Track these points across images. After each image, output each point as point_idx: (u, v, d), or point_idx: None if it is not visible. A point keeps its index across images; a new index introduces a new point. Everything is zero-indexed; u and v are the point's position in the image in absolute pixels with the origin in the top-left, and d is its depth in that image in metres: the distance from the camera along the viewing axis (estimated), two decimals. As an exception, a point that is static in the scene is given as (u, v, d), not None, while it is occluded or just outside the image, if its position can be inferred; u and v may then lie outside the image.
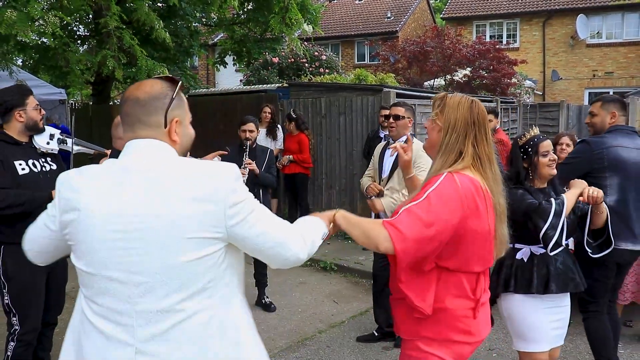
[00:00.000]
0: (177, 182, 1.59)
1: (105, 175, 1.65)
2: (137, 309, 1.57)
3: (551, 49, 22.69)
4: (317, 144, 8.94)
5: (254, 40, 14.22)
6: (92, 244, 1.60)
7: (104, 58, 7.09)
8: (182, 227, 1.55)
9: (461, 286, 2.16)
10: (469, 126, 2.15)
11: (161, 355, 1.58)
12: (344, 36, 25.72)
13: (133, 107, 1.66)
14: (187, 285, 1.58)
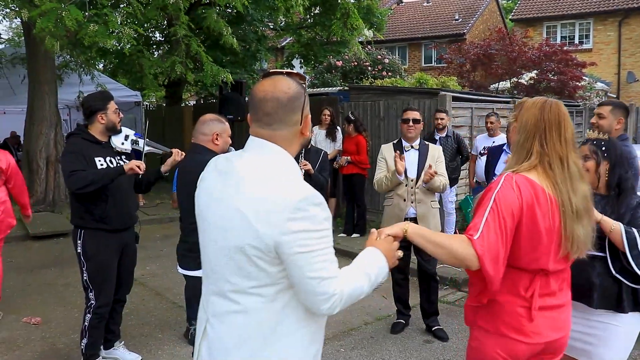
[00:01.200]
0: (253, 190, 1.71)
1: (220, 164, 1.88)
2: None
3: (628, 49, 21.90)
4: (375, 146, 9.18)
5: (320, 43, 14.64)
6: (198, 225, 1.91)
7: (173, 64, 7.64)
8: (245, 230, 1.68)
9: (513, 282, 2.19)
10: (538, 126, 2.19)
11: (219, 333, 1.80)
12: (411, 39, 25.76)
13: (275, 107, 1.76)
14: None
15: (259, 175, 1.73)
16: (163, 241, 8.44)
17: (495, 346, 2.23)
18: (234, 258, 1.72)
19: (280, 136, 1.78)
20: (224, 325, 1.77)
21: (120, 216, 3.95)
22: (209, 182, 1.87)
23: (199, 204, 1.90)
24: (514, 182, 2.12)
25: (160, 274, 6.71)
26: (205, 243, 1.86)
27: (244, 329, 1.74)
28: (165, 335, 4.82)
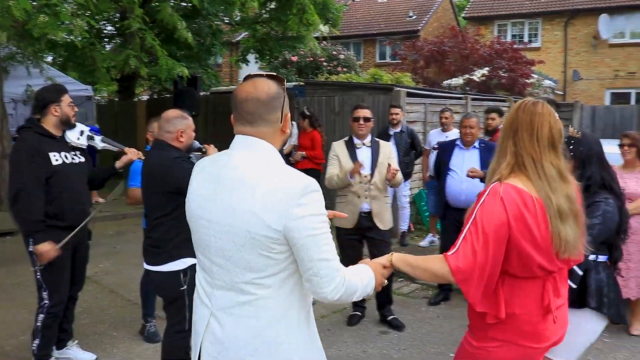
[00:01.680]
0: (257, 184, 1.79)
1: (209, 165, 1.97)
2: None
3: (573, 48, 22.61)
4: (330, 141, 9.23)
5: (275, 38, 14.59)
6: (192, 225, 1.97)
7: (127, 57, 7.50)
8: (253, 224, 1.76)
9: (528, 292, 2.18)
10: (513, 125, 2.20)
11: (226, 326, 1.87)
12: (365, 35, 25.93)
13: (256, 106, 1.86)
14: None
15: (258, 171, 1.82)
16: (116, 238, 8.32)
17: (507, 355, 2.22)
18: (244, 251, 1.78)
19: (262, 133, 1.88)
20: (233, 317, 1.84)
21: (74, 213, 3.88)
22: (199, 183, 1.94)
23: (191, 205, 1.95)
24: (499, 197, 2.10)
25: (114, 271, 6.61)
26: (203, 240, 1.90)
27: (256, 318, 1.82)
28: (120, 334, 4.76)
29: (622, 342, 4.67)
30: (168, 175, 3.28)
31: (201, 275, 1.98)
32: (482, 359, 2.29)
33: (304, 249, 1.75)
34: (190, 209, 1.95)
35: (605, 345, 4.60)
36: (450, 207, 5.45)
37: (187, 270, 3.35)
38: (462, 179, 5.29)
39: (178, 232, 3.28)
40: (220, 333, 1.86)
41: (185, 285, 3.35)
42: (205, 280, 1.95)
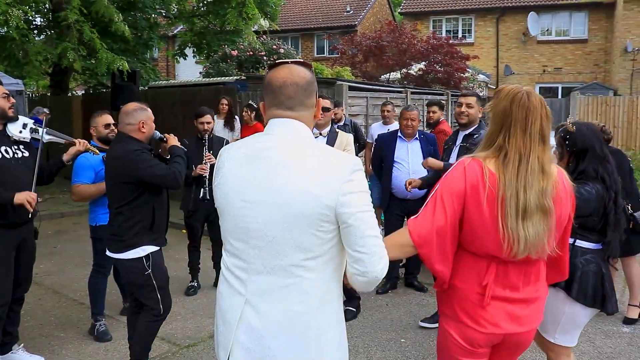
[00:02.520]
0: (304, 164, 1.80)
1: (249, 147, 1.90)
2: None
3: (504, 44, 23.46)
4: (274, 135, 9.26)
5: (213, 32, 14.40)
6: (225, 210, 1.89)
7: (64, 50, 7.24)
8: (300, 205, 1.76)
9: (470, 268, 2.20)
10: (505, 119, 2.15)
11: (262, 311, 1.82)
12: (303, 29, 25.99)
13: (296, 91, 1.85)
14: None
15: (304, 151, 1.82)
16: (55, 237, 8.05)
17: (453, 332, 2.25)
18: (293, 230, 1.76)
19: (302, 118, 1.88)
20: (273, 302, 1.80)
21: (17, 210, 3.68)
22: (235, 167, 1.87)
23: (225, 189, 1.88)
24: (463, 165, 2.15)
25: (56, 271, 6.40)
26: (239, 224, 1.84)
27: (300, 303, 1.80)
28: (68, 334, 4.62)
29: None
30: (128, 167, 3.44)
31: (230, 262, 1.90)
32: (441, 339, 2.36)
33: (355, 225, 1.75)
34: (224, 193, 1.88)
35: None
36: (395, 198, 5.57)
37: (148, 256, 3.53)
38: (409, 171, 5.41)
39: (137, 221, 3.49)
40: (256, 321, 1.81)
41: (149, 269, 3.52)
42: (236, 266, 1.88)
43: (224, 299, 1.92)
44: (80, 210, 9.92)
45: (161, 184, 3.59)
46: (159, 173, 3.51)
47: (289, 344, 1.80)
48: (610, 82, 20.62)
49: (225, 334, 1.89)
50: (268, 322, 1.80)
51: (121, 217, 3.51)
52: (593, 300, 2.94)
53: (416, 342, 4.48)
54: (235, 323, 1.84)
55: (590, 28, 22.18)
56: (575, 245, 3.03)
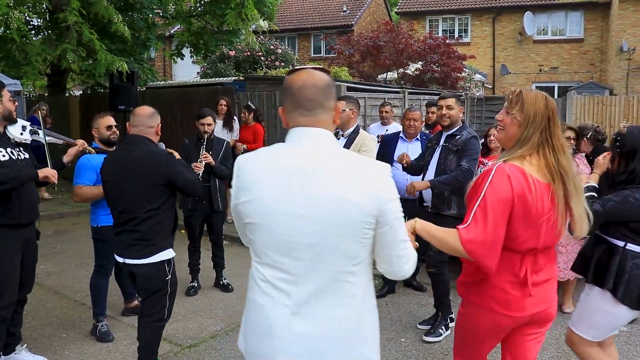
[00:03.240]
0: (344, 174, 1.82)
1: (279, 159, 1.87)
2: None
3: (500, 44, 23.51)
4: (272, 134, 9.29)
5: (210, 32, 14.41)
6: (263, 222, 1.85)
7: (63, 51, 7.25)
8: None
9: (504, 261, 2.36)
10: (544, 119, 2.38)
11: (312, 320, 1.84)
12: (300, 29, 26.00)
13: (315, 93, 1.86)
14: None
15: (338, 159, 1.84)
16: (55, 238, 8.06)
17: (483, 319, 2.49)
18: (339, 238, 1.79)
19: (322, 122, 1.88)
20: (322, 309, 1.82)
21: (24, 210, 3.75)
22: (269, 178, 1.85)
23: (263, 202, 1.84)
24: (506, 174, 2.30)
25: (56, 272, 6.42)
26: (279, 236, 1.82)
27: (347, 307, 1.85)
28: (70, 335, 4.65)
29: (556, 319, 4.94)
30: (160, 168, 3.45)
31: (270, 274, 1.87)
32: (465, 323, 2.61)
33: (392, 231, 1.83)
34: (260, 208, 1.85)
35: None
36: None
37: (171, 260, 3.56)
38: (406, 171, 5.45)
39: (166, 225, 3.52)
40: (307, 330, 1.82)
41: (169, 275, 3.55)
42: (278, 278, 1.85)
43: (265, 311, 1.88)
44: (79, 210, 9.94)
45: (190, 190, 3.61)
46: (192, 179, 3.57)
47: (341, 347, 1.85)
48: (606, 81, 20.70)
49: (269, 346, 1.87)
50: (319, 330, 1.82)
51: (151, 221, 3.46)
52: (637, 304, 3.05)
53: (416, 342, 4.52)
54: (284, 335, 1.83)
55: (586, 27, 22.25)
56: (625, 248, 3.11)
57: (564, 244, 5.03)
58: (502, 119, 2.50)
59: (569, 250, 5.05)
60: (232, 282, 5.89)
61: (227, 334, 4.72)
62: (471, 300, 2.56)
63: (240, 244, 7.76)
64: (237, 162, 1.96)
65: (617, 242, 3.13)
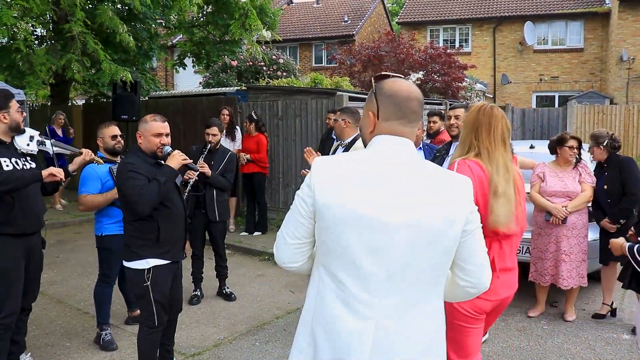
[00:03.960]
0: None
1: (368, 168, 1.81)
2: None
3: (501, 53, 23.62)
4: (274, 144, 9.34)
5: (212, 42, 14.49)
6: (353, 230, 1.75)
7: (68, 61, 7.31)
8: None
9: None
10: (474, 125, 2.80)
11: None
12: (301, 39, 26.13)
13: (419, 105, 1.86)
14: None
15: (429, 170, 1.83)
16: (57, 247, 8.08)
17: (465, 305, 2.71)
18: (431, 252, 1.75)
19: (413, 134, 1.88)
20: (407, 320, 1.77)
21: (27, 219, 3.78)
22: (357, 188, 1.76)
23: (344, 213, 1.74)
24: (466, 165, 2.73)
25: (59, 280, 6.44)
26: (367, 244, 1.74)
27: (429, 317, 1.83)
28: (73, 343, 4.66)
29: (558, 328, 4.99)
30: (119, 182, 3.62)
31: (351, 283, 1.77)
32: (451, 312, 2.69)
33: (475, 240, 1.84)
34: (344, 215, 1.74)
35: (544, 331, 4.91)
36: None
37: (150, 269, 3.58)
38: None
39: (141, 235, 3.58)
40: (391, 342, 1.76)
41: (148, 281, 3.57)
42: (359, 288, 1.77)
43: (343, 323, 1.77)
44: (81, 220, 9.97)
45: (131, 206, 3.52)
46: (130, 197, 3.50)
47: (420, 356, 1.80)
48: (607, 90, 20.77)
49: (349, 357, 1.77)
50: (403, 340, 1.77)
51: (130, 228, 3.61)
52: None
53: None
54: (366, 347, 1.75)
55: (586, 37, 22.36)
56: None
57: (568, 253, 5.05)
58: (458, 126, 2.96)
59: (572, 259, 5.06)
60: (234, 291, 5.90)
61: (230, 342, 4.72)
62: None
63: (242, 253, 7.79)
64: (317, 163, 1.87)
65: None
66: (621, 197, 5.00)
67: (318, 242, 1.85)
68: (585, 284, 5.16)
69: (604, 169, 5.22)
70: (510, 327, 4.98)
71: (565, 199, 5.08)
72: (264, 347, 4.63)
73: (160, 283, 3.64)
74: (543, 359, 4.38)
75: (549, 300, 5.44)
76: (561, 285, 5.09)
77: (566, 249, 5.06)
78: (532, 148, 6.73)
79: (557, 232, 5.08)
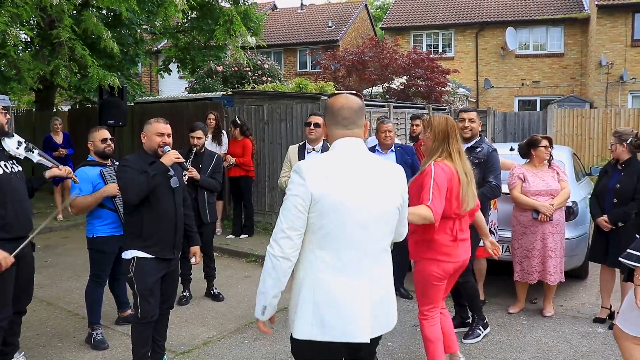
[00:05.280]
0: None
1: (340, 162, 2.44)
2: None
3: (484, 58, 23.95)
4: (260, 148, 9.46)
5: (197, 48, 14.57)
6: (336, 219, 2.34)
7: (56, 67, 7.37)
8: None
9: (443, 226, 3.62)
10: (445, 134, 3.64)
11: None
12: (286, 44, 26.29)
13: (351, 113, 2.44)
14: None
15: (379, 162, 2.49)
16: (45, 252, 8.12)
17: (434, 268, 3.67)
18: (386, 224, 2.45)
19: (356, 134, 2.47)
20: (382, 279, 2.48)
21: (20, 223, 3.84)
22: (339, 179, 2.34)
23: (340, 198, 2.31)
24: (440, 166, 3.59)
25: (49, 284, 6.50)
26: (357, 221, 2.35)
27: (388, 276, 2.54)
28: (65, 344, 4.75)
29: (537, 323, 5.16)
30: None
31: (346, 255, 2.37)
32: (422, 272, 3.74)
33: (404, 213, 2.56)
34: (342, 202, 2.32)
35: (523, 326, 5.08)
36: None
37: (133, 259, 3.80)
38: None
39: (128, 227, 3.89)
40: (374, 295, 2.43)
41: (131, 272, 3.80)
42: (352, 258, 2.38)
43: (346, 285, 2.38)
44: (67, 224, 10.02)
45: (124, 196, 3.87)
46: (123, 186, 3.82)
47: (387, 293, 2.53)
48: (587, 94, 21.16)
49: (352, 315, 2.37)
50: (382, 293, 2.49)
51: (125, 220, 3.97)
52: None
53: (402, 345, 4.68)
54: (362, 305, 2.39)
55: (566, 42, 22.77)
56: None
57: (553, 249, 5.20)
58: (422, 138, 3.78)
59: (557, 254, 5.22)
60: (222, 292, 6.01)
61: (219, 340, 4.84)
62: (425, 257, 3.71)
63: (229, 256, 7.90)
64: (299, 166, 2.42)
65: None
66: (629, 201, 4.95)
67: (315, 228, 2.34)
68: (563, 280, 5.33)
69: (619, 169, 5.11)
70: (491, 322, 5.13)
71: (548, 197, 5.23)
72: (252, 344, 4.75)
73: (144, 276, 3.78)
74: (522, 351, 4.55)
75: (528, 297, 5.62)
76: (549, 281, 5.23)
77: (552, 245, 5.21)
78: (512, 150, 6.91)
79: (543, 229, 5.21)
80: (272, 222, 9.23)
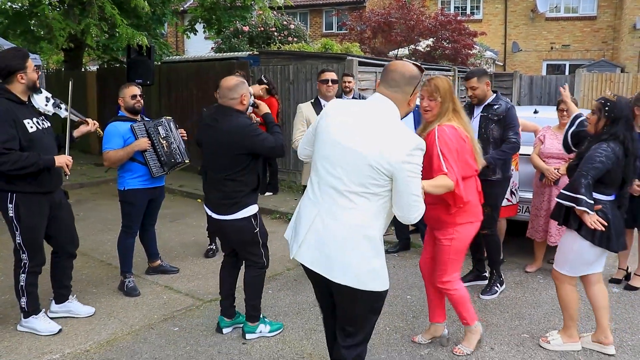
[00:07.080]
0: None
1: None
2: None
3: (512, 21, 23.51)
4: (285, 108, 9.56)
5: (223, 8, 14.55)
6: (324, 143, 2.63)
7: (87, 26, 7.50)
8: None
9: (470, 186, 3.63)
10: (450, 92, 3.61)
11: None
12: (312, 5, 26.03)
13: (401, 77, 2.61)
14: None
15: (388, 121, 2.55)
16: (77, 206, 8.40)
17: (471, 231, 3.71)
18: (359, 171, 2.49)
19: (395, 98, 2.61)
20: (336, 220, 2.56)
21: (52, 178, 4.03)
22: (341, 116, 2.61)
23: (330, 129, 2.60)
24: (444, 129, 3.54)
25: (82, 236, 6.59)
26: (331, 155, 2.58)
27: (352, 220, 2.54)
28: (99, 290, 5.02)
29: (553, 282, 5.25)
30: (246, 141, 3.71)
31: (315, 181, 2.68)
32: (463, 239, 3.69)
33: (403, 185, 2.49)
34: (328, 132, 2.61)
35: (540, 284, 5.21)
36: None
37: (256, 214, 3.95)
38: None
39: (246, 185, 3.83)
40: (321, 230, 2.60)
41: (257, 227, 3.95)
42: (317, 186, 2.65)
43: (305, 208, 2.73)
44: (97, 181, 10.31)
45: (272, 155, 3.95)
46: (270, 145, 3.82)
47: (338, 258, 2.58)
48: (618, 59, 20.70)
49: (300, 233, 2.69)
50: (331, 234, 2.57)
51: (232, 183, 3.80)
52: (599, 240, 3.64)
53: (421, 299, 4.84)
54: (307, 227, 2.65)
55: (599, 5, 22.18)
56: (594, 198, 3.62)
57: None
58: (428, 104, 3.61)
59: None
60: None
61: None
62: (465, 222, 3.67)
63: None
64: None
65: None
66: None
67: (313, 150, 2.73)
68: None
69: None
70: (508, 280, 5.26)
71: (561, 160, 5.28)
72: (277, 294, 4.96)
73: (263, 226, 4.17)
74: (536, 307, 4.69)
75: (546, 258, 5.71)
76: (549, 242, 5.41)
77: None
78: (536, 113, 6.92)
79: (550, 192, 5.34)
80: (295, 181, 9.40)
